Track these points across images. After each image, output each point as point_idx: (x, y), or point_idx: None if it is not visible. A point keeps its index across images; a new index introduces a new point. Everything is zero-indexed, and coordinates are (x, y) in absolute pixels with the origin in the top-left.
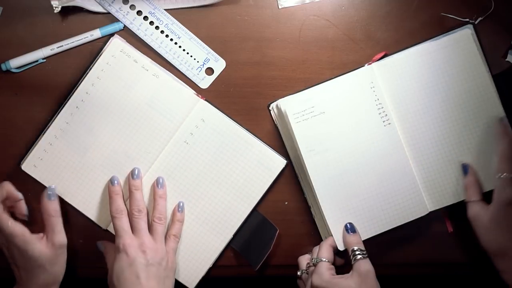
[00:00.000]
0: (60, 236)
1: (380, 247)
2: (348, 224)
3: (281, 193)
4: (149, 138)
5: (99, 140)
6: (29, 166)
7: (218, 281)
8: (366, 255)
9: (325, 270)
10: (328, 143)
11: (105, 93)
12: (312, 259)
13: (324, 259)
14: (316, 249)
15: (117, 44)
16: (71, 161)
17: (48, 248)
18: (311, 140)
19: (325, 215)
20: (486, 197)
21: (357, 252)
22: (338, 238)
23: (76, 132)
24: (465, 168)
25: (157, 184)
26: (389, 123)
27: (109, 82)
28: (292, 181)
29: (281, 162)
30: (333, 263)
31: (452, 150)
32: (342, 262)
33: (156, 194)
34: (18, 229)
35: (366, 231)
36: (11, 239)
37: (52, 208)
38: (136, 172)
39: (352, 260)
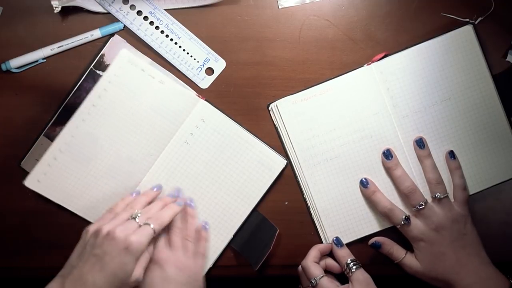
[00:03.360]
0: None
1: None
2: (335, 239)
3: (281, 193)
4: (151, 140)
5: (104, 150)
6: (33, 181)
7: (218, 281)
8: (360, 265)
9: (328, 285)
10: (325, 144)
11: (112, 103)
12: (310, 281)
13: (320, 276)
14: (305, 267)
15: (124, 54)
16: (75, 172)
17: (138, 274)
18: (307, 141)
19: (319, 212)
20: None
21: (351, 264)
22: (336, 233)
23: (82, 144)
24: (375, 244)
25: (190, 204)
26: (389, 123)
27: (116, 93)
28: (292, 181)
29: (281, 162)
30: (326, 270)
31: (453, 145)
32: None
33: (187, 214)
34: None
35: (363, 229)
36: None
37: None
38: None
39: (349, 272)
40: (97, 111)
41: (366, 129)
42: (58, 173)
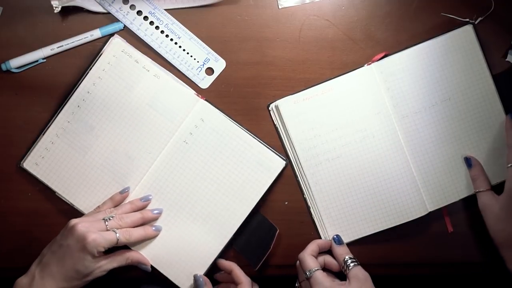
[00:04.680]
0: (110, 268)
1: (379, 247)
2: (335, 237)
3: (281, 193)
4: (150, 139)
5: (100, 140)
6: (30, 164)
7: (218, 281)
8: (358, 262)
9: (323, 278)
10: (326, 144)
11: (106, 93)
12: (305, 273)
13: (315, 269)
14: (302, 259)
15: (118, 44)
16: (72, 160)
17: (99, 271)
18: (309, 141)
19: (320, 212)
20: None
21: (349, 261)
22: (337, 232)
23: (77, 131)
24: (468, 161)
25: (153, 211)
26: (389, 123)
27: (110, 82)
28: (292, 181)
29: (280, 163)
30: (326, 269)
31: (452, 149)
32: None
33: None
34: (107, 243)
35: (364, 229)
36: (95, 239)
37: (141, 260)
38: None
39: (346, 269)
40: (91, 98)
41: (368, 129)
42: (55, 158)
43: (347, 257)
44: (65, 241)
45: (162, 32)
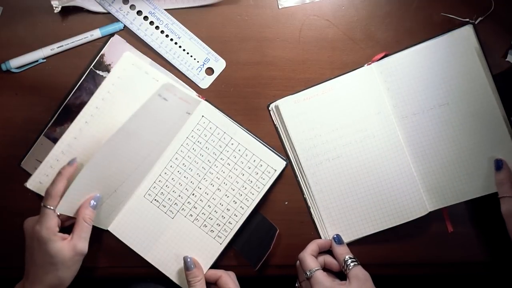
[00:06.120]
0: (83, 243)
1: (379, 247)
2: (336, 236)
3: (281, 193)
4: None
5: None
6: (34, 183)
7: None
8: (358, 262)
9: (323, 278)
10: (327, 144)
11: (115, 106)
12: (305, 273)
13: (315, 269)
14: (302, 259)
15: (128, 57)
16: (76, 174)
17: (67, 250)
18: (309, 141)
19: (321, 212)
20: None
21: (349, 261)
22: (337, 232)
23: (84, 145)
24: (498, 164)
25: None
26: (389, 123)
27: (119, 95)
28: (292, 181)
29: (280, 163)
30: (326, 269)
31: (452, 149)
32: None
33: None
34: (50, 221)
35: (364, 229)
36: (39, 228)
37: (88, 215)
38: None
39: (347, 269)
40: (100, 113)
41: (368, 129)
42: None
43: (347, 257)
44: (26, 244)
45: (162, 32)
